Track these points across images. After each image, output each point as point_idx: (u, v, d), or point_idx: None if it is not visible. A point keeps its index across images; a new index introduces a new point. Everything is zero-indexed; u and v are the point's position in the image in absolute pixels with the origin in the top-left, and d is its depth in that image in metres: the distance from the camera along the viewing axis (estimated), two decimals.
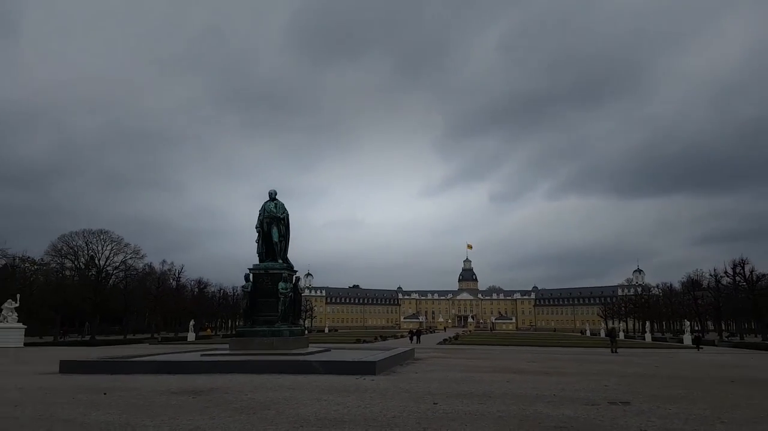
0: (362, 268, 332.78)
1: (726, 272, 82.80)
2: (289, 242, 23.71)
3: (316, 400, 11.11)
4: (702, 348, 46.15)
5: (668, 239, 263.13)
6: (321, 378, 15.37)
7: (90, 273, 79.74)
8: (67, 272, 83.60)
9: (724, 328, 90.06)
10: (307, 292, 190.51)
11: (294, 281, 23.13)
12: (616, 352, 36.97)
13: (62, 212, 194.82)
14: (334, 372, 16.60)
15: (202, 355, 19.91)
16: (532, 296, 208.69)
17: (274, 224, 22.96)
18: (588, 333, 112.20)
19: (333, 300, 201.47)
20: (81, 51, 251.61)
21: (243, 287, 22.17)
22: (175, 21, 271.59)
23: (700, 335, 44.45)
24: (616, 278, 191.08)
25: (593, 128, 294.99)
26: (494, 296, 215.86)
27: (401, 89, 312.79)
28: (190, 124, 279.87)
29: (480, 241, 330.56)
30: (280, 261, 22.63)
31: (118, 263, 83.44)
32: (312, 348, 23.33)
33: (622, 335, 77.44)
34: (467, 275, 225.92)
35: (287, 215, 23.54)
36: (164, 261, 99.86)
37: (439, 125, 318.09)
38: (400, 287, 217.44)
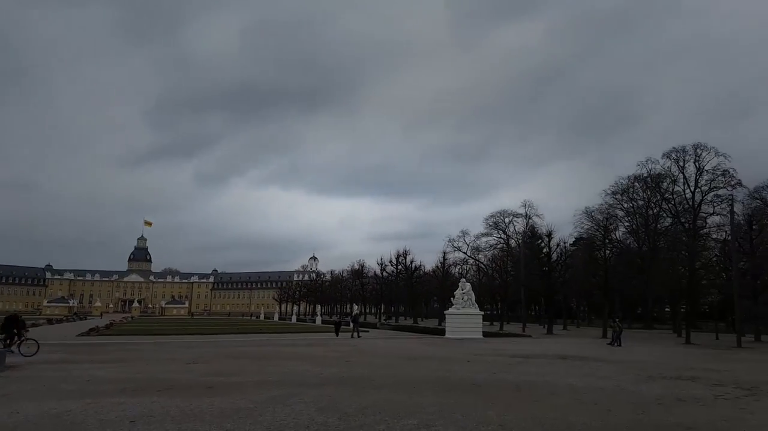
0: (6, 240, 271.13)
1: (391, 262, 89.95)
2: None
3: None
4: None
5: (348, 235, 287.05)
6: None
7: None
8: None
9: (383, 311, 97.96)
10: None
11: None
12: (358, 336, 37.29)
13: None
14: None
15: None
16: (211, 279, 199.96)
17: None
18: (262, 317, 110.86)
19: None
20: None
21: None
22: None
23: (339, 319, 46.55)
24: (296, 265, 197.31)
25: (309, 129, 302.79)
26: (169, 278, 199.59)
27: (123, 46, 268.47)
28: None
29: (170, 222, 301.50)
30: None
31: None
32: None
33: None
34: (140, 254, 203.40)
35: None
36: None
37: (155, 94, 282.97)
38: (49, 265, 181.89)
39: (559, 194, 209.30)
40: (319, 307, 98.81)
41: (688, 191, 71.26)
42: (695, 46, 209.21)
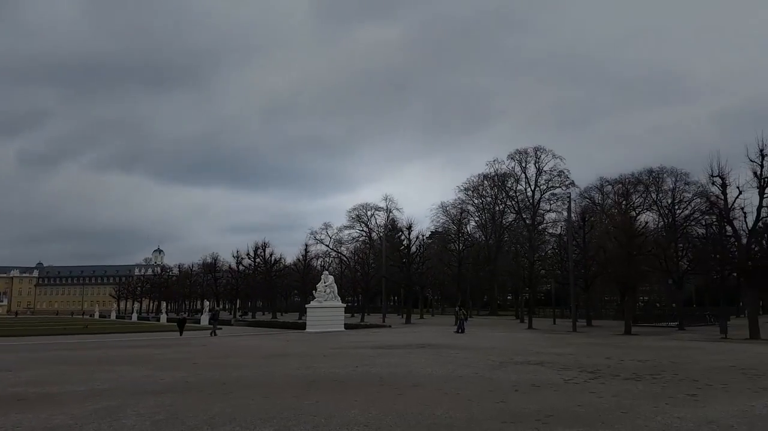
0: None
1: (248, 255, 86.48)
2: None
3: None
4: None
5: (200, 226, 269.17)
6: None
7: None
8: None
9: (239, 307, 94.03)
10: None
11: None
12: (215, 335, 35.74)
13: None
14: None
15: None
16: (35, 273, 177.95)
17: None
18: (97, 315, 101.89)
19: None
20: None
21: None
22: None
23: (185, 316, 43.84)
24: (138, 258, 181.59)
25: (156, 111, 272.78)
26: None
27: None
28: None
29: None
30: None
31: None
32: None
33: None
34: None
35: None
36: None
37: None
38: None
39: (418, 189, 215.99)
40: (164, 304, 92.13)
41: (529, 189, 78.00)
42: (542, 60, 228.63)
